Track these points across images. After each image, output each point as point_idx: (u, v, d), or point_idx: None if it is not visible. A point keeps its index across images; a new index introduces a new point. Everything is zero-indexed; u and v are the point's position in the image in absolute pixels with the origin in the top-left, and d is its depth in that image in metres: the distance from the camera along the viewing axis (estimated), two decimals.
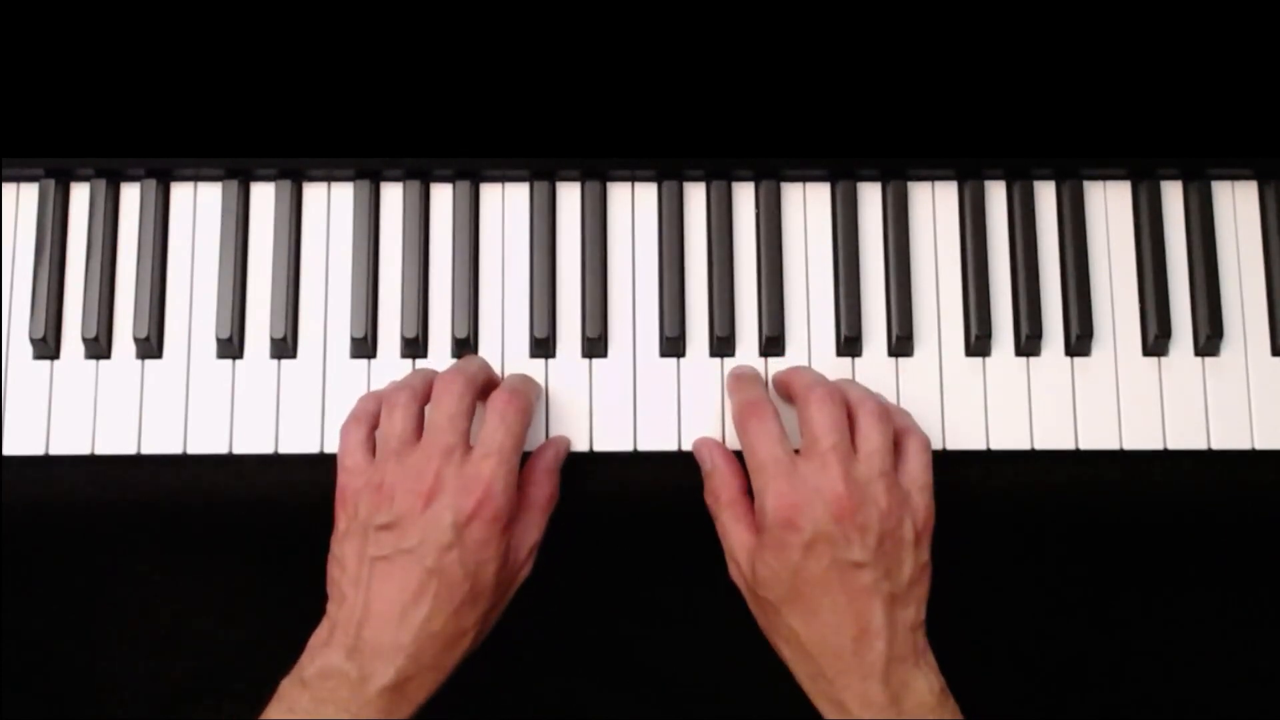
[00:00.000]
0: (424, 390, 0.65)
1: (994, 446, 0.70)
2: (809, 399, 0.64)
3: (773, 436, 0.64)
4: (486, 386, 0.67)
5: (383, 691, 0.60)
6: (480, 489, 0.62)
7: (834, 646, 0.61)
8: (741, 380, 0.68)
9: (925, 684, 0.61)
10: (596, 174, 0.72)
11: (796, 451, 0.64)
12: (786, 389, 0.68)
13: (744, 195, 0.72)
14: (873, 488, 0.62)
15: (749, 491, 0.66)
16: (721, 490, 0.66)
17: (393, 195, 0.72)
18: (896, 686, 0.61)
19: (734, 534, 0.65)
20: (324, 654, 0.61)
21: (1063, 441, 0.70)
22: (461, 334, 0.70)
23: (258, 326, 0.71)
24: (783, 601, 0.63)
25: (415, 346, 0.70)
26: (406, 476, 0.62)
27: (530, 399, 0.66)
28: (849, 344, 0.71)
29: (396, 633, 0.61)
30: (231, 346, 0.70)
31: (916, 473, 0.65)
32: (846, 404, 0.65)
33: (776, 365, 0.70)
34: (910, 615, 0.62)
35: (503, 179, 0.72)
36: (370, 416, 0.66)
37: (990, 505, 0.70)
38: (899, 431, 0.66)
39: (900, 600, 0.62)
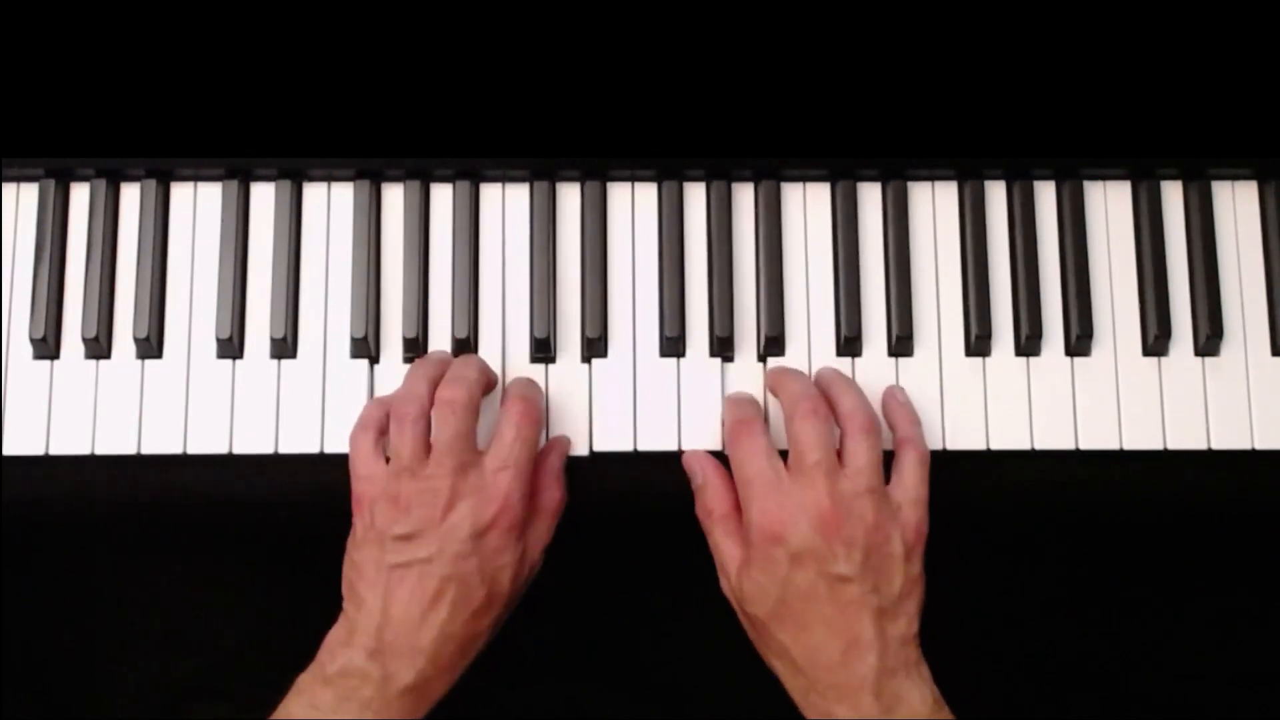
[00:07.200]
0: (429, 396, 0.65)
1: (994, 446, 0.70)
2: (795, 413, 0.64)
3: (760, 452, 0.64)
4: (485, 389, 0.67)
5: (404, 691, 0.61)
6: (499, 500, 0.63)
7: (824, 660, 0.62)
8: (736, 399, 0.69)
9: (918, 695, 0.61)
10: (596, 174, 0.72)
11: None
12: (775, 395, 0.68)
13: (744, 195, 0.72)
14: (859, 503, 0.62)
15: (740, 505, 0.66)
16: (714, 505, 0.67)
17: (393, 195, 0.72)
18: (889, 699, 0.61)
19: (725, 548, 0.66)
20: (345, 653, 0.62)
21: (1063, 441, 0.70)
22: (461, 334, 0.70)
23: (258, 326, 0.71)
24: (771, 617, 0.63)
25: (415, 346, 0.70)
26: (422, 491, 0.63)
27: (541, 407, 0.67)
28: (849, 344, 0.71)
29: (416, 636, 0.62)
30: (231, 346, 0.70)
31: (911, 486, 0.65)
32: (837, 416, 0.65)
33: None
34: (901, 628, 0.62)
35: (503, 179, 0.72)
36: (377, 422, 0.66)
37: (990, 505, 0.70)
38: (899, 442, 0.67)
39: (889, 613, 0.62)
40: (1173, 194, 0.73)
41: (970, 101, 0.71)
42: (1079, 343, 0.71)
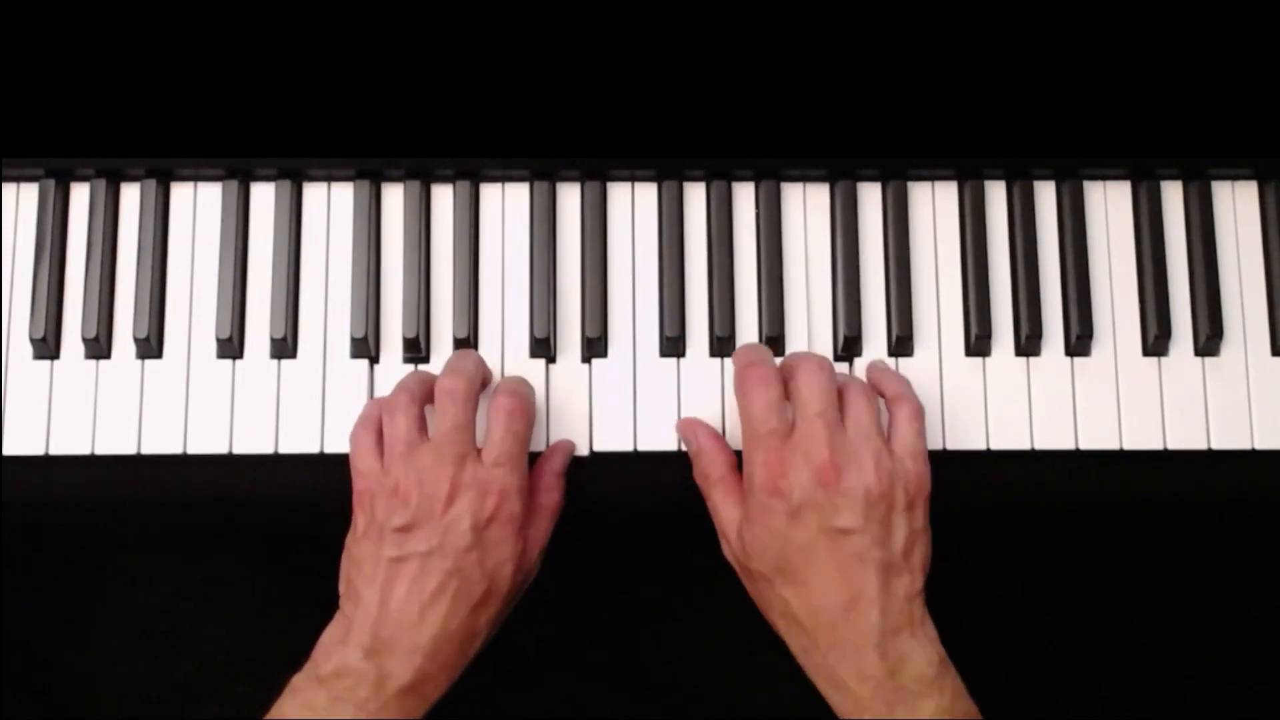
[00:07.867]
0: (421, 392, 0.66)
1: (994, 446, 0.70)
2: (797, 369, 0.64)
3: (769, 403, 0.63)
4: (484, 384, 0.67)
5: (401, 692, 0.61)
6: (496, 493, 0.63)
7: (826, 616, 0.61)
8: (747, 346, 0.68)
9: (923, 655, 0.61)
10: (596, 174, 0.72)
11: None
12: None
13: (744, 195, 0.72)
14: (860, 454, 0.62)
15: (737, 468, 0.66)
16: (710, 468, 0.67)
17: (393, 195, 0.72)
18: (893, 658, 0.60)
19: (724, 510, 0.65)
20: (340, 652, 0.61)
21: (1063, 441, 0.70)
22: (461, 334, 0.70)
23: (258, 326, 0.71)
24: (774, 572, 0.62)
25: (415, 346, 0.70)
26: (421, 481, 0.62)
27: (531, 401, 0.67)
28: (849, 344, 0.71)
29: (414, 633, 0.61)
30: (231, 346, 0.70)
31: (908, 440, 0.65)
32: (836, 380, 0.65)
33: None
34: (906, 584, 0.62)
35: (503, 179, 0.72)
36: (376, 421, 0.66)
37: (990, 505, 0.70)
38: (891, 399, 0.67)
39: (894, 568, 0.61)
40: (1173, 194, 0.73)
41: (970, 101, 0.71)
42: (1079, 343, 0.71)
